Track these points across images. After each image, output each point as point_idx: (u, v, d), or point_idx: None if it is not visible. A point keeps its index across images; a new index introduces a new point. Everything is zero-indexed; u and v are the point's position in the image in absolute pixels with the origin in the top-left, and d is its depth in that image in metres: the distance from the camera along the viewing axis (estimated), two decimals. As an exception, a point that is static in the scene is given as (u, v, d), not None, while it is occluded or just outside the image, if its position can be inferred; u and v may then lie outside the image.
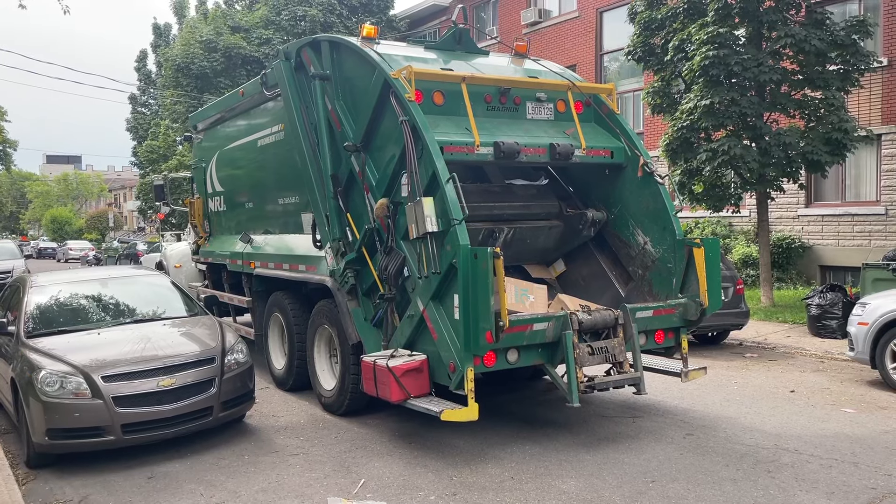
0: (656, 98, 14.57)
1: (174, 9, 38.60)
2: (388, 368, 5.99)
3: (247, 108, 9.76)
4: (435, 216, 5.93)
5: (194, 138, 12.14)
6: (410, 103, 6.28)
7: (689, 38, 13.08)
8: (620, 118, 7.58)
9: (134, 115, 43.17)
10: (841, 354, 9.81)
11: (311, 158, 7.71)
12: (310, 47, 7.76)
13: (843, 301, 11.17)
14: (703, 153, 12.65)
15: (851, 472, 5.71)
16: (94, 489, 5.79)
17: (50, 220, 68.70)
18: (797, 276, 16.81)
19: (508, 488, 5.53)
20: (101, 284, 8.21)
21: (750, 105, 12.44)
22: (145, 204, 37.36)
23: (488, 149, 6.56)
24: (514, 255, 7.55)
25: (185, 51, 30.16)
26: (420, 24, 29.64)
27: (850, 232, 16.10)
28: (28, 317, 7.29)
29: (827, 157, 12.47)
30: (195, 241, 12.26)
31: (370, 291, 7.01)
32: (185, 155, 29.96)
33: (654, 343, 6.91)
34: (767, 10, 12.62)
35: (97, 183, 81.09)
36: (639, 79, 20.19)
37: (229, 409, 6.85)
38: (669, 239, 6.96)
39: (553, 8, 23.84)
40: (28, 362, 6.46)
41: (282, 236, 9.08)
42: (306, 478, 5.87)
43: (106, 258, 36.37)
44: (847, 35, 12.52)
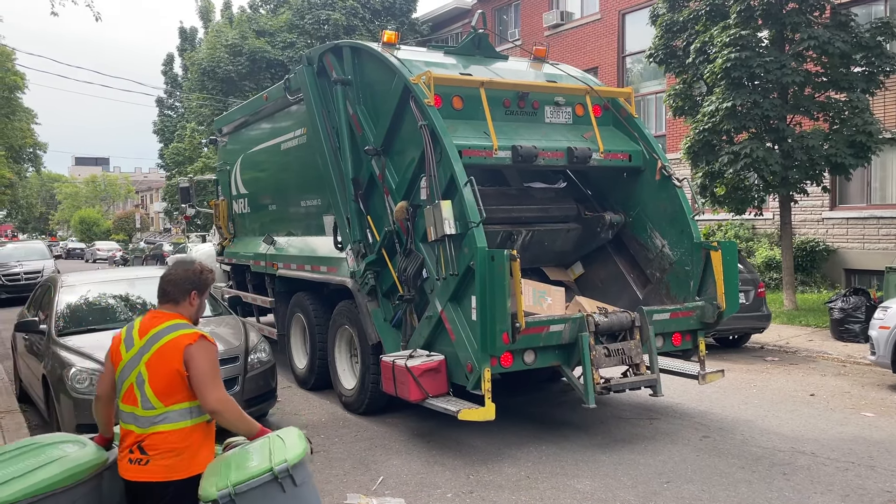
0: (678, 100, 14.54)
1: (200, 13, 39.10)
2: (406, 368, 6.09)
3: (270, 113, 9.93)
4: (453, 219, 6.03)
5: (219, 141, 12.36)
6: (430, 108, 6.39)
7: (711, 40, 13.04)
8: (638, 122, 7.62)
9: (160, 118, 43.77)
10: (863, 358, 9.74)
11: (333, 162, 7.85)
12: (332, 53, 7.91)
13: (866, 305, 11.07)
14: (725, 156, 12.60)
15: (867, 476, 5.71)
16: (122, 483, 5.96)
17: (78, 221, 69.90)
18: (822, 279, 16.65)
19: (524, 487, 5.61)
20: (128, 284, 8.41)
21: (772, 107, 12.39)
22: (171, 205, 37.93)
23: (506, 152, 6.65)
24: (533, 258, 7.62)
25: (211, 55, 30.58)
26: (443, 27, 29.78)
27: (876, 235, 15.93)
28: (59, 315, 7.50)
29: (851, 159, 12.37)
30: (220, 243, 12.48)
31: (390, 293, 7.13)
32: (210, 157, 30.38)
33: (671, 345, 6.94)
34: (790, 12, 12.56)
35: (124, 185, 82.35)
36: (661, 81, 20.14)
37: (252, 406, 6.98)
38: (687, 242, 7.00)
39: (575, 10, 23.84)
40: (59, 359, 6.66)
41: (304, 238, 9.24)
42: (326, 474, 6.00)
43: (133, 259, 36.95)
44: (872, 37, 12.42)
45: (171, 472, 3.27)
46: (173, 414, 3.31)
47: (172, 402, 3.30)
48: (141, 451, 3.31)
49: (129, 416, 3.36)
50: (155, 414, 3.30)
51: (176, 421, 3.31)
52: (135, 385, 3.34)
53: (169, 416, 3.30)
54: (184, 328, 3.40)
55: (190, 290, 3.55)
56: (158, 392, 3.29)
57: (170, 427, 3.30)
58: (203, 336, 3.37)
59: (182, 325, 3.42)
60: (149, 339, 3.38)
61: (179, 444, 3.30)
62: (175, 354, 3.29)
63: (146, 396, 3.30)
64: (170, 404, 3.29)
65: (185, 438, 3.31)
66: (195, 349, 3.30)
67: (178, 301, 3.55)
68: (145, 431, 3.30)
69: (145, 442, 3.31)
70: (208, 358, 3.32)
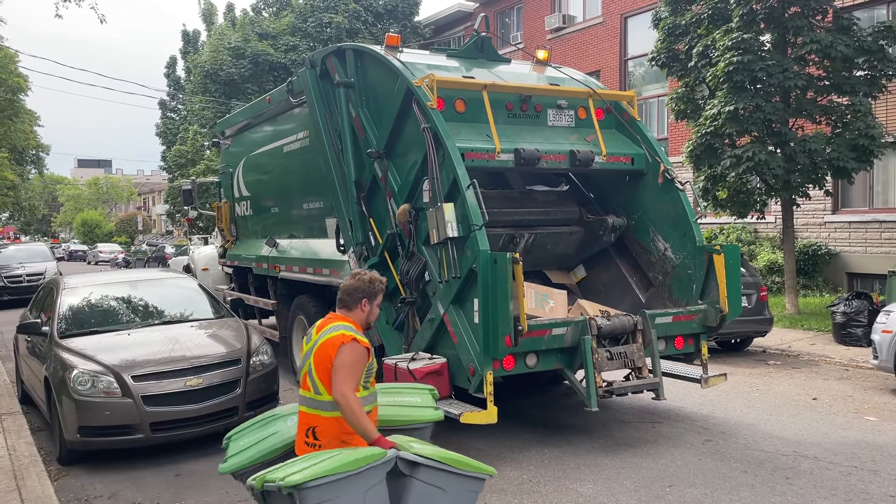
0: (680, 104, 14.54)
1: (203, 16, 39.17)
2: (408, 371, 6.08)
3: (273, 115, 9.95)
4: (455, 221, 6.03)
5: (222, 144, 12.37)
6: (432, 111, 6.39)
7: (713, 43, 13.05)
8: (641, 125, 7.62)
9: (163, 121, 43.85)
10: (866, 362, 9.72)
11: (336, 164, 7.86)
12: (334, 55, 7.91)
13: (868, 309, 11.05)
14: (728, 159, 12.60)
15: (870, 480, 5.70)
16: (124, 485, 5.97)
17: (80, 224, 70.00)
18: (824, 283, 16.63)
19: (527, 491, 5.60)
20: (130, 287, 8.43)
21: (775, 111, 12.39)
22: (173, 208, 37.95)
23: (509, 155, 6.65)
24: (535, 261, 7.62)
25: (214, 57, 30.61)
26: (445, 30, 29.81)
27: (878, 239, 15.91)
28: (61, 318, 7.51)
29: (853, 163, 12.36)
30: (222, 245, 12.50)
31: (392, 295, 7.11)
32: (212, 160, 30.40)
33: (673, 349, 6.93)
34: (793, 16, 12.56)
35: (127, 187, 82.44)
36: (663, 84, 20.14)
37: (254, 409, 6.97)
38: (689, 245, 6.99)
39: (577, 13, 23.86)
40: (61, 361, 6.67)
41: (306, 240, 9.24)
42: (328, 477, 5.98)
43: (135, 261, 36.98)
44: (874, 41, 12.41)
45: None
46: (331, 404, 3.79)
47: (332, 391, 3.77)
48: (314, 436, 3.87)
49: (306, 401, 3.95)
50: (321, 400, 3.85)
51: (333, 410, 3.80)
52: (308, 374, 3.92)
53: (328, 405, 3.81)
54: (344, 329, 3.88)
55: (361, 298, 4.07)
56: (322, 380, 3.82)
57: (334, 415, 3.80)
58: (356, 339, 3.83)
59: (345, 326, 3.92)
60: (319, 335, 3.92)
61: (342, 434, 3.80)
62: (331, 350, 3.80)
63: (315, 384, 3.87)
64: (330, 393, 3.78)
65: (344, 427, 3.78)
66: (345, 349, 3.78)
67: (350, 308, 4.08)
68: (318, 414, 3.86)
69: (318, 428, 3.86)
70: (352, 357, 3.78)
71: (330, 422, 3.83)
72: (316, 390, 3.87)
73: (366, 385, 3.94)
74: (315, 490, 3.31)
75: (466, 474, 3.73)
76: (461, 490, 3.74)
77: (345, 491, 3.38)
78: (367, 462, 3.46)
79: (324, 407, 3.84)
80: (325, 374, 3.81)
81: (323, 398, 3.84)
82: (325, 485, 3.33)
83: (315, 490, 3.31)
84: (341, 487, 3.37)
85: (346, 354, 3.77)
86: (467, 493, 3.78)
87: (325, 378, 3.81)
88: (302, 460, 3.59)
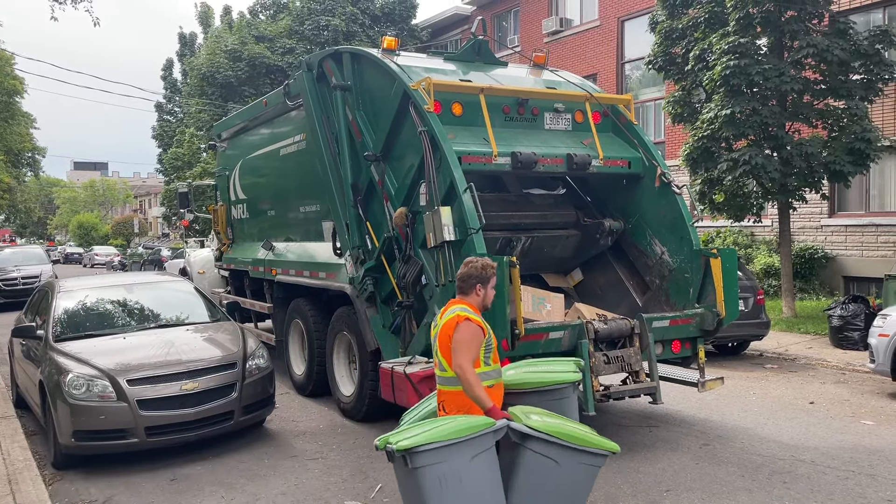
0: (677, 107, 14.56)
1: (199, 18, 39.17)
2: (405, 375, 6.06)
3: (270, 118, 9.92)
4: (452, 225, 6.02)
5: (218, 147, 12.34)
6: (429, 114, 6.38)
7: (710, 47, 13.07)
8: (638, 128, 7.62)
9: (160, 123, 43.81)
10: (862, 366, 9.73)
11: (332, 167, 7.84)
12: (331, 58, 7.90)
13: (865, 312, 11.06)
14: (724, 163, 12.60)
15: (868, 484, 5.69)
16: (119, 490, 5.94)
17: (76, 226, 69.88)
18: (820, 286, 16.64)
19: (523, 495, 5.57)
20: (126, 290, 8.39)
21: (771, 115, 12.40)
22: (170, 211, 37.89)
23: (506, 159, 6.64)
24: (532, 264, 7.60)
25: (211, 60, 30.60)
26: (442, 34, 29.83)
27: (875, 242, 15.93)
28: (56, 321, 7.47)
29: (850, 167, 12.38)
30: (218, 248, 12.46)
31: (389, 299, 7.11)
32: (209, 162, 30.39)
33: (670, 353, 6.91)
34: (789, 20, 12.58)
35: (123, 189, 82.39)
36: (660, 88, 20.17)
37: (250, 413, 6.97)
38: (686, 249, 6.98)
39: (574, 17, 23.89)
40: (56, 365, 6.63)
41: (302, 244, 9.22)
42: (324, 482, 5.97)
43: (131, 264, 36.90)
44: (870, 45, 12.44)
45: None
46: (454, 379, 4.23)
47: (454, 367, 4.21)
48: (443, 409, 4.36)
49: (437, 379, 4.43)
50: (446, 376, 4.32)
51: (456, 385, 4.23)
52: (435, 353, 4.41)
53: (452, 380, 4.25)
54: (459, 310, 4.35)
55: (475, 284, 4.48)
56: (445, 357, 4.30)
57: (457, 388, 4.24)
58: (469, 318, 4.29)
59: (461, 308, 4.38)
60: (442, 318, 4.43)
61: (464, 406, 4.21)
62: (450, 331, 4.27)
63: (440, 363, 4.36)
64: (453, 369, 4.22)
65: (467, 399, 4.17)
66: (462, 326, 4.25)
67: (466, 293, 4.50)
68: (445, 389, 4.34)
69: (445, 401, 4.36)
70: (468, 334, 4.23)
71: (454, 395, 4.30)
72: (441, 367, 4.37)
73: (486, 361, 4.34)
74: (423, 454, 3.67)
75: (581, 449, 3.97)
76: (575, 463, 3.98)
77: (451, 456, 3.71)
78: (475, 430, 3.77)
79: (448, 382, 4.32)
80: (446, 352, 4.30)
81: (447, 374, 4.32)
82: (433, 450, 3.68)
83: (423, 454, 3.67)
84: (448, 453, 3.70)
85: (461, 332, 4.23)
86: (582, 466, 4.02)
87: (447, 356, 4.29)
88: (419, 426, 3.95)
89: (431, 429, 3.80)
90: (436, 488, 3.70)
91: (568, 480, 4.01)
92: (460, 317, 4.30)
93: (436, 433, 3.74)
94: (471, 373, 4.13)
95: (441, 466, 3.69)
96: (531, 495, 3.95)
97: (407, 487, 3.87)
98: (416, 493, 3.75)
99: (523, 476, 3.94)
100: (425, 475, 3.70)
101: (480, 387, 4.14)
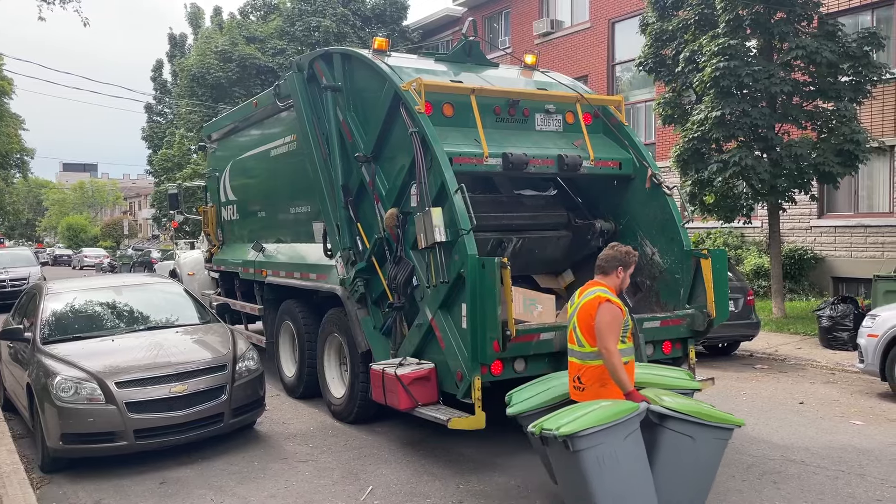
0: (667, 109, 14.60)
1: (189, 19, 39.03)
2: (396, 377, 6.05)
3: (260, 119, 9.89)
4: (443, 226, 6.00)
5: (208, 148, 12.30)
6: (420, 115, 6.37)
7: (700, 49, 13.11)
8: (629, 130, 7.63)
9: (149, 124, 43.58)
10: (851, 366, 9.78)
11: (323, 168, 7.82)
12: (322, 59, 7.88)
13: (854, 313, 11.12)
14: (714, 164, 12.66)
15: (857, 484, 5.71)
16: (107, 493, 5.89)
17: (66, 228, 69.45)
18: (810, 287, 16.73)
19: (514, 497, 5.57)
20: (115, 292, 8.34)
21: (761, 116, 12.46)
22: (160, 212, 37.73)
23: (497, 160, 6.63)
24: (523, 265, 7.59)
25: (201, 61, 30.49)
26: (433, 35, 29.83)
27: (863, 243, 16.03)
28: (44, 323, 7.41)
29: (839, 168, 12.45)
30: (208, 250, 12.41)
31: (379, 300, 7.09)
32: (199, 164, 30.27)
33: (661, 353, 6.91)
34: (779, 22, 12.65)
35: (112, 191, 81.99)
36: (650, 89, 20.23)
37: (240, 415, 6.93)
38: (677, 250, 6.99)
39: (565, 19, 23.94)
40: (44, 368, 6.58)
41: (293, 245, 9.19)
42: (315, 484, 5.94)
43: (120, 266, 36.68)
44: (859, 46, 12.51)
45: (597, 397, 4.65)
46: (593, 354, 4.69)
47: (593, 344, 4.66)
48: (579, 381, 4.82)
49: (573, 353, 4.91)
50: (585, 351, 4.77)
51: (595, 360, 4.69)
52: (572, 330, 4.89)
53: (591, 355, 4.72)
54: (600, 291, 4.74)
55: (617, 266, 4.91)
56: (585, 334, 4.74)
57: (594, 363, 4.71)
58: (610, 300, 4.67)
59: (601, 290, 4.76)
60: (582, 297, 4.85)
61: (601, 378, 4.69)
62: (592, 311, 4.67)
63: (579, 338, 4.80)
64: (592, 345, 4.67)
65: (604, 374, 4.65)
66: (604, 308, 4.63)
67: (607, 273, 4.92)
68: (582, 363, 4.80)
69: (582, 374, 4.79)
70: (610, 315, 4.62)
71: (592, 369, 4.74)
72: (580, 343, 4.78)
73: (623, 340, 4.76)
74: (583, 438, 4.16)
75: (713, 425, 4.46)
76: (709, 439, 4.50)
77: (608, 438, 4.19)
78: (624, 414, 4.25)
79: (587, 357, 4.76)
80: (586, 329, 4.70)
81: (586, 349, 4.74)
82: (592, 434, 4.17)
83: (583, 438, 4.16)
84: (605, 435, 4.18)
85: (604, 314, 4.61)
86: (715, 441, 4.55)
87: (586, 333, 4.71)
88: (568, 412, 4.39)
89: (584, 414, 4.29)
90: (596, 468, 4.21)
91: (703, 455, 4.54)
92: (601, 297, 4.68)
93: (591, 418, 4.22)
94: (616, 356, 4.55)
95: (600, 448, 4.19)
96: (672, 471, 4.44)
97: (567, 469, 4.39)
98: (578, 474, 4.25)
99: (664, 454, 4.43)
100: (586, 457, 4.20)
101: (624, 370, 4.56)
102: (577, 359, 4.83)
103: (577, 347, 4.83)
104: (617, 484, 4.27)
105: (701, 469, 4.58)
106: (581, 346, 4.78)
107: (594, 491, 4.25)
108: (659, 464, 4.45)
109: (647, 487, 4.36)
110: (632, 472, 4.32)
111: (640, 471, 4.34)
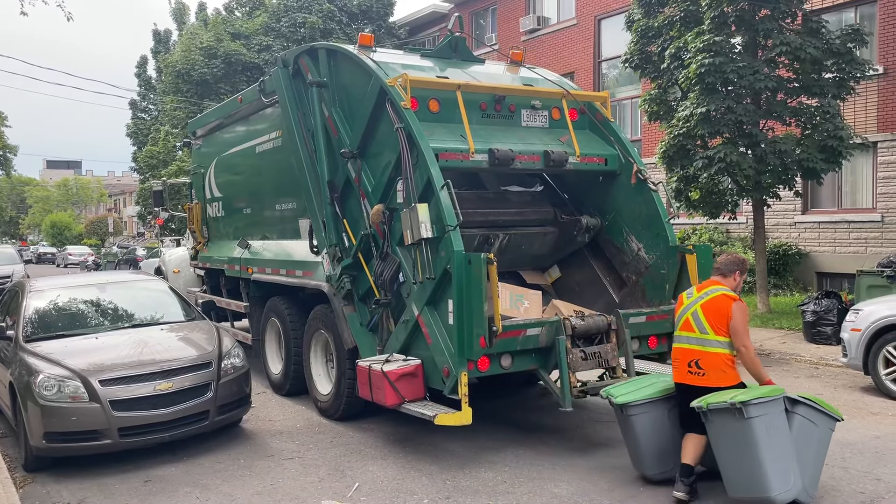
0: (653, 105, 14.63)
1: (174, 15, 38.74)
2: (382, 373, 6.04)
3: (245, 115, 9.83)
4: (430, 222, 5.99)
5: (193, 144, 12.21)
6: (406, 111, 6.36)
7: (685, 46, 13.14)
8: (614, 126, 7.65)
9: (134, 121, 43.28)
10: (835, 361, 9.86)
11: (309, 165, 7.78)
12: (307, 55, 7.84)
13: (837, 308, 11.21)
14: (700, 160, 12.70)
15: (841, 477, 5.76)
16: (91, 492, 5.85)
17: (49, 226, 68.81)
18: (794, 282, 16.86)
19: (502, 492, 5.58)
20: (99, 289, 8.27)
21: (746, 113, 12.51)
22: (145, 209, 37.44)
23: (483, 156, 6.63)
24: (510, 261, 7.61)
25: (186, 57, 30.27)
26: (420, 31, 29.77)
27: (847, 239, 16.16)
28: (26, 321, 7.34)
29: (822, 164, 12.53)
30: (194, 247, 12.33)
31: (366, 297, 7.07)
32: (184, 160, 30.05)
33: (647, 348, 6.95)
34: (763, 19, 12.70)
35: (97, 188, 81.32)
36: (636, 86, 20.28)
37: (226, 413, 6.90)
38: (662, 245, 7.03)
39: (552, 15, 23.95)
40: (26, 366, 6.51)
41: (279, 242, 9.14)
42: (301, 482, 5.92)
43: (105, 263, 36.44)
44: (842, 43, 12.59)
45: (720, 381, 5.14)
46: (716, 342, 5.16)
47: (719, 334, 5.15)
48: (698, 366, 5.22)
49: (689, 339, 5.31)
50: (707, 339, 5.20)
51: (717, 347, 5.16)
52: (691, 319, 5.32)
53: (713, 343, 5.17)
54: (727, 291, 5.30)
55: (735, 270, 5.44)
56: (712, 324, 5.18)
57: (715, 350, 5.17)
58: (740, 300, 5.24)
59: (726, 290, 5.31)
60: (705, 292, 5.35)
61: (723, 364, 5.16)
62: (724, 307, 5.19)
63: (702, 326, 5.23)
64: (717, 335, 5.15)
65: (724, 360, 5.16)
66: (737, 307, 5.17)
67: (726, 275, 5.43)
68: (703, 349, 5.21)
69: (701, 360, 5.20)
70: (743, 314, 5.18)
71: (714, 355, 5.17)
72: (702, 330, 5.22)
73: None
74: (756, 406, 4.75)
75: (830, 414, 5.06)
76: (825, 425, 5.07)
77: (772, 409, 4.81)
78: (776, 393, 4.89)
79: (709, 344, 5.18)
80: (714, 320, 5.17)
81: (709, 337, 5.19)
82: (762, 403, 4.77)
83: (756, 406, 4.75)
84: (770, 406, 4.81)
85: (739, 313, 5.15)
86: (828, 429, 5.11)
87: (713, 323, 5.17)
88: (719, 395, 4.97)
89: (745, 392, 4.94)
90: (764, 434, 4.77)
91: (820, 439, 5.07)
92: (732, 297, 5.21)
93: (755, 392, 4.87)
94: (753, 351, 5.17)
95: (767, 418, 4.79)
96: (800, 450, 4.94)
97: (736, 436, 4.87)
98: (748, 439, 4.79)
99: (795, 435, 4.93)
100: (757, 424, 4.76)
101: (760, 364, 5.18)
102: (696, 345, 5.23)
103: (696, 334, 5.24)
104: (779, 452, 4.81)
105: (818, 452, 5.10)
106: (704, 332, 5.19)
107: (763, 456, 4.76)
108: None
109: (794, 461, 4.91)
110: (790, 442, 4.89)
111: (790, 444, 4.89)
